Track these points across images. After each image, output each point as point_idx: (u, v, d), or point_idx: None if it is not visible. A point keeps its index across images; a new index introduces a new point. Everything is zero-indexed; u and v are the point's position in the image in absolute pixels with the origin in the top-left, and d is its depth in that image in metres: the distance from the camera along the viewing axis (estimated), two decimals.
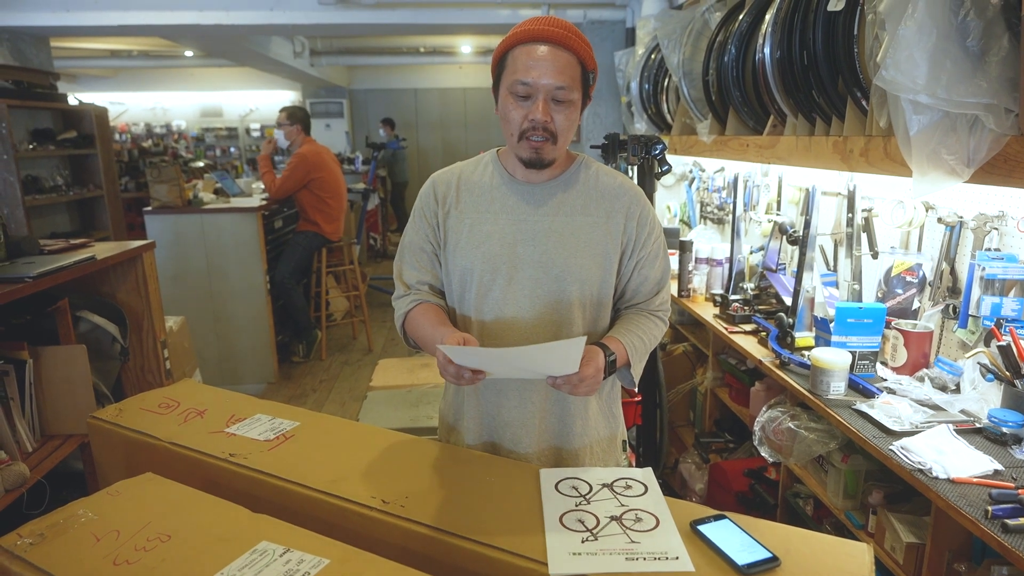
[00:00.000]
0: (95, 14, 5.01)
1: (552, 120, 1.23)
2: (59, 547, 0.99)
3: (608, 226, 1.34)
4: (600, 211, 1.34)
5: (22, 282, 1.91)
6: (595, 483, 1.18)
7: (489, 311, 1.33)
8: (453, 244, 1.36)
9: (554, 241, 1.31)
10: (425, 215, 1.39)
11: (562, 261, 1.31)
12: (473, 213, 1.35)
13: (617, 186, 1.36)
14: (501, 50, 1.26)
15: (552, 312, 1.32)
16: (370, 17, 5.16)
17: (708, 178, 3.47)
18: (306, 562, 0.94)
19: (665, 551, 0.98)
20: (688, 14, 3.00)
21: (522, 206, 1.33)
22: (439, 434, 1.53)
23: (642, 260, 1.37)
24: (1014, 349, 1.53)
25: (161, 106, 11.66)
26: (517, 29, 1.25)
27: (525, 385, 1.35)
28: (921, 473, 1.40)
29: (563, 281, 1.31)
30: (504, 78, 1.26)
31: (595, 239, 1.33)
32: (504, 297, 1.32)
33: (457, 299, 1.38)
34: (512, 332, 1.33)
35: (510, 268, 1.31)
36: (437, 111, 11.61)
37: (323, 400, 4.16)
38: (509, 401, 1.36)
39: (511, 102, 1.25)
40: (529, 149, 1.26)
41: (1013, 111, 1.26)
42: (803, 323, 2.08)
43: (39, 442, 2.12)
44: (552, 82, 1.21)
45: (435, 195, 1.38)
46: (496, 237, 1.32)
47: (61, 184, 5.09)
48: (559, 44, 1.21)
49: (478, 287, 1.33)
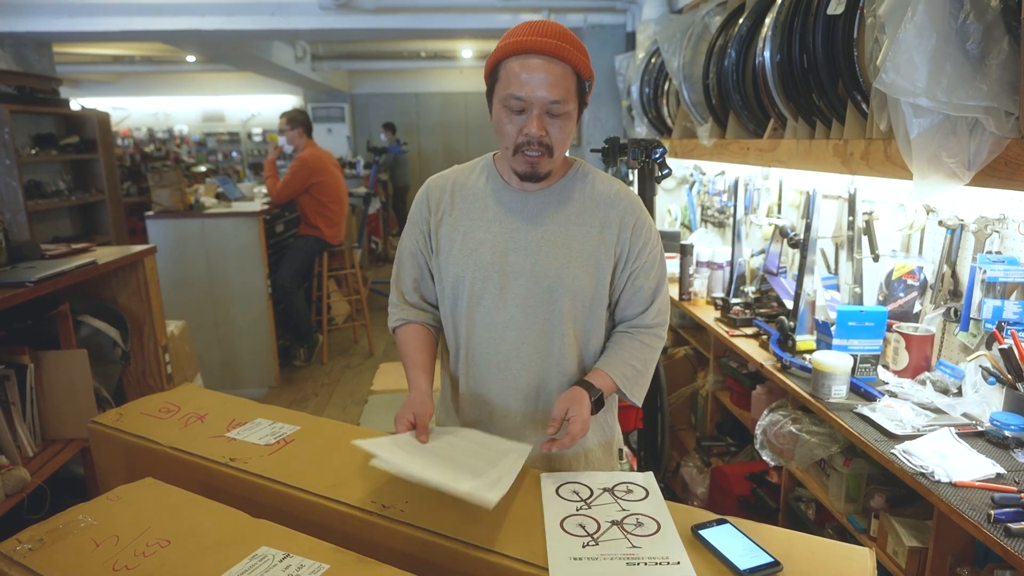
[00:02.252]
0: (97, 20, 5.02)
1: (547, 134, 1.21)
2: (58, 552, 0.99)
3: (602, 235, 1.31)
4: (594, 220, 1.32)
5: (23, 286, 1.91)
6: (596, 487, 1.17)
7: (480, 320, 1.33)
8: (446, 251, 1.35)
9: (546, 251, 1.30)
10: (418, 223, 1.39)
11: (554, 271, 1.29)
12: (466, 220, 1.34)
13: (613, 194, 1.34)
14: (494, 60, 1.23)
15: (543, 322, 1.31)
16: (371, 22, 5.17)
17: (709, 181, 3.47)
18: (305, 567, 0.94)
19: (666, 556, 0.98)
20: (688, 18, 3.00)
21: (516, 214, 1.32)
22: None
23: (636, 271, 1.34)
24: (1016, 352, 1.52)
25: (163, 111, 11.68)
26: (509, 39, 1.22)
27: (514, 395, 1.34)
28: (923, 477, 1.39)
29: (554, 291, 1.30)
30: (498, 90, 1.23)
31: (588, 249, 1.31)
32: (495, 306, 1.31)
33: (449, 307, 1.38)
34: (503, 342, 1.32)
35: (501, 277, 1.30)
36: (438, 115, 11.63)
37: (324, 404, 4.16)
38: (497, 410, 1.36)
39: (505, 115, 1.22)
40: (524, 163, 1.24)
41: (1013, 114, 1.26)
42: (804, 326, 2.08)
43: (40, 447, 2.12)
44: (546, 96, 1.18)
45: (428, 203, 1.38)
46: (488, 245, 1.31)
47: (63, 189, 5.10)
48: (552, 56, 1.18)
49: (469, 296, 1.33)
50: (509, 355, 1.33)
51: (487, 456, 1.19)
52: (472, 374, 1.37)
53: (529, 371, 1.33)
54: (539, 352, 1.33)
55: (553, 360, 1.33)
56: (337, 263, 5.16)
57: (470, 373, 1.38)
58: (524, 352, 1.32)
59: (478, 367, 1.36)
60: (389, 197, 9.31)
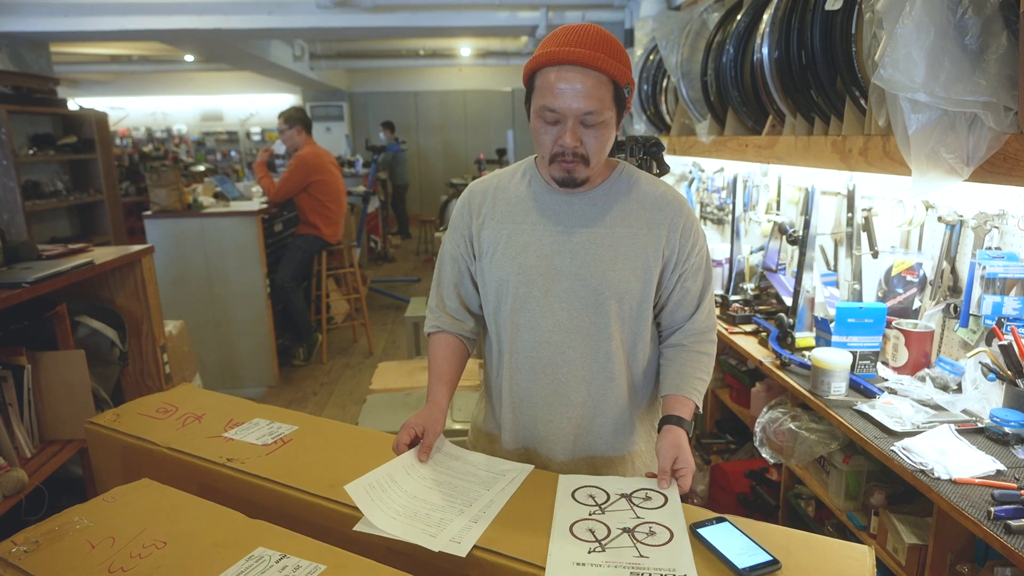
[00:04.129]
0: (95, 19, 5.01)
1: (581, 144, 1.20)
2: (54, 555, 0.99)
3: (650, 237, 1.29)
4: (641, 222, 1.29)
5: (20, 287, 1.91)
6: (614, 492, 1.15)
7: (525, 323, 1.30)
8: (489, 255, 1.33)
9: (592, 253, 1.28)
10: (460, 227, 1.38)
11: (600, 274, 1.27)
12: (510, 224, 1.32)
13: (660, 196, 1.32)
14: (530, 69, 1.21)
15: (589, 325, 1.29)
16: (368, 20, 5.16)
17: (707, 178, 3.47)
18: (302, 568, 0.94)
19: (673, 568, 0.95)
20: (686, 15, 3.00)
21: (560, 217, 1.30)
22: (469, 441, 1.49)
23: (685, 273, 1.32)
24: (1015, 348, 1.52)
25: (161, 110, 11.67)
26: (545, 48, 1.19)
27: (560, 400, 1.32)
28: (923, 474, 1.39)
29: (601, 294, 1.27)
30: (533, 100, 1.21)
31: (635, 251, 1.28)
32: (541, 309, 1.29)
33: (493, 311, 1.35)
34: (548, 346, 1.30)
35: (547, 280, 1.28)
36: (437, 114, 11.62)
37: (323, 403, 4.16)
38: (542, 414, 1.33)
39: (541, 125, 1.21)
40: (560, 170, 1.23)
41: (1012, 109, 1.25)
42: (803, 323, 2.07)
43: (38, 448, 2.12)
44: (581, 107, 1.16)
45: (470, 207, 1.37)
46: (533, 248, 1.29)
47: (61, 189, 5.10)
48: (586, 66, 1.15)
49: (514, 299, 1.30)
50: (555, 359, 1.30)
51: (483, 479, 1.19)
52: (517, 379, 1.34)
53: (575, 375, 1.31)
54: (585, 356, 1.30)
55: (599, 364, 1.30)
56: (336, 262, 5.16)
57: (515, 378, 1.34)
58: (570, 356, 1.30)
59: (523, 371, 1.33)
60: (388, 196, 9.31)
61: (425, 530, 1.04)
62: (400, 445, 1.22)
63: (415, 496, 1.13)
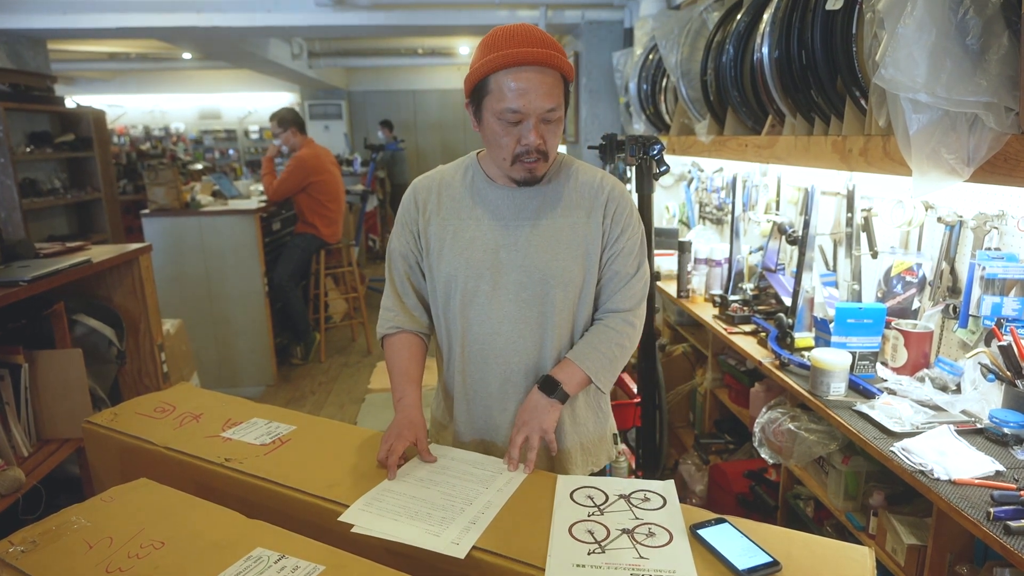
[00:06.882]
0: (92, 16, 4.99)
1: (544, 141, 1.25)
2: (51, 555, 0.98)
3: (589, 224, 1.35)
4: (581, 210, 1.35)
5: (17, 286, 1.90)
6: (612, 493, 1.15)
7: (475, 317, 1.35)
8: (437, 251, 1.36)
9: (535, 245, 1.32)
10: (407, 223, 1.41)
11: (544, 264, 1.32)
12: (455, 220, 1.36)
13: (596, 183, 1.36)
14: (483, 73, 1.22)
15: (538, 315, 1.34)
16: (367, 19, 5.15)
17: (707, 178, 3.46)
18: (301, 568, 0.93)
19: (673, 569, 0.95)
20: (686, 14, 2.99)
21: (503, 211, 1.34)
22: (430, 435, 1.52)
23: (614, 255, 1.37)
24: (1015, 349, 1.52)
25: (159, 108, 11.64)
26: (497, 52, 1.20)
27: (512, 388, 1.37)
28: (922, 474, 1.39)
29: (546, 284, 1.32)
30: (488, 103, 1.24)
31: (576, 239, 1.34)
32: (489, 303, 1.33)
33: (442, 306, 1.39)
34: (498, 337, 1.34)
35: (494, 274, 1.32)
36: (436, 112, 11.61)
37: (322, 402, 4.15)
38: (497, 404, 1.38)
39: (500, 128, 1.24)
40: (524, 171, 1.27)
41: (1013, 109, 1.25)
42: (803, 323, 2.07)
43: (35, 447, 2.11)
44: (543, 105, 1.21)
45: (415, 203, 1.40)
46: (479, 243, 1.33)
47: (59, 187, 5.08)
48: (544, 65, 1.20)
49: (463, 294, 1.34)
50: (505, 349, 1.35)
51: (480, 477, 1.20)
52: (469, 371, 1.39)
53: (526, 364, 1.36)
54: (535, 345, 1.35)
55: (548, 352, 1.36)
56: (334, 261, 5.15)
57: (467, 370, 1.39)
58: (520, 346, 1.35)
59: (474, 363, 1.38)
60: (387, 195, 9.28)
61: (428, 530, 1.04)
62: (395, 461, 1.21)
63: (415, 496, 1.13)
